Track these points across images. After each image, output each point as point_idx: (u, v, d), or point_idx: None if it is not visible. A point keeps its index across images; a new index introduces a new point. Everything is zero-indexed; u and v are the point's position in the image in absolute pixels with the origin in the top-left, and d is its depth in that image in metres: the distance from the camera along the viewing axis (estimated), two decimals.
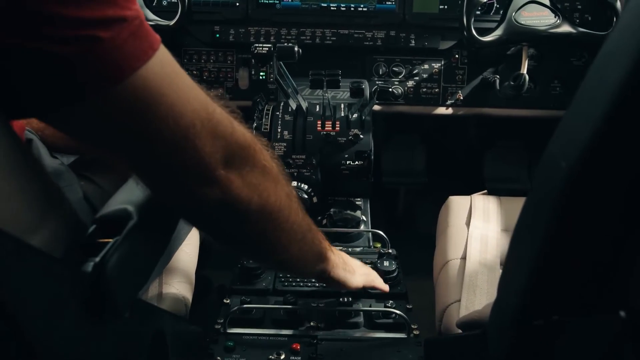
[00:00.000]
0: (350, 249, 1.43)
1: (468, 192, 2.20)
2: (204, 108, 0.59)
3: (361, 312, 1.14)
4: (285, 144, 1.51)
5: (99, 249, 0.59)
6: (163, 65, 0.56)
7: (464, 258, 1.15)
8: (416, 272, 1.62)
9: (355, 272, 1.04)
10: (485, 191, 1.39)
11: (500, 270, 1.11)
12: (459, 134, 2.32)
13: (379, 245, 1.53)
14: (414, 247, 1.84)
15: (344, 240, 1.48)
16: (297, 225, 0.77)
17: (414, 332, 1.10)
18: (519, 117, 1.81)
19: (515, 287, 0.54)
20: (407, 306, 1.20)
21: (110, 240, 0.61)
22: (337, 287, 1.03)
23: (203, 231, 0.79)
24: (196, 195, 0.61)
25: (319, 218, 1.53)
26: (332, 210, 1.51)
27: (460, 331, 0.93)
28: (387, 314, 1.13)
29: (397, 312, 1.11)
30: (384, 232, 1.44)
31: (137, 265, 0.62)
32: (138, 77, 0.52)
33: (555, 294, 0.50)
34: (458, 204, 1.33)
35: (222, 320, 1.10)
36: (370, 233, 1.49)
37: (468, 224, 1.25)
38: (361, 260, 1.35)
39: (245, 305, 1.12)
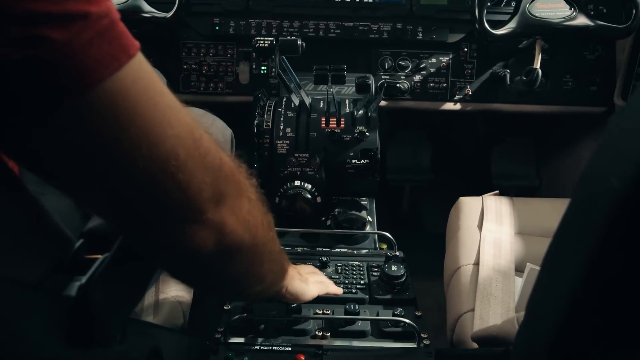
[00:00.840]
0: (355, 251, 1.38)
1: (475, 189, 2.14)
2: (189, 134, 0.49)
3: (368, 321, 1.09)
4: (288, 142, 1.45)
5: (85, 268, 0.53)
6: (138, 78, 0.45)
7: (476, 264, 1.09)
8: (423, 272, 1.57)
9: (308, 281, 0.98)
10: (497, 192, 1.33)
11: (515, 277, 1.06)
12: (466, 130, 2.26)
13: (384, 246, 1.47)
14: (420, 247, 1.78)
15: (348, 242, 1.42)
16: (274, 254, 0.70)
17: (424, 342, 1.05)
18: (529, 113, 1.75)
19: (550, 311, 0.49)
20: (416, 313, 1.15)
21: (99, 256, 0.55)
22: (292, 301, 0.96)
23: (182, 281, 0.68)
24: (182, 244, 0.51)
25: (323, 219, 1.48)
26: (336, 210, 1.45)
27: (475, 345, 0.87)
28: (395, 323, 1.08)
29: (406, 320, 1.05)
30: (390, 233, 1.39)
31: (129, 284, 0.57)
32: (102, 90, 0.42)
33: (599, 321, 0.44)
34: (469, 205, 1.27)
35: (222, 329, 1.04)
36: (376, 234, 1.44)
37: (480, 226, 1.19)
38: (367, 264, 1.31)
39: (246, 314, 1.06)
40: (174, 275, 0.61)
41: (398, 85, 1.61)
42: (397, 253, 1.34)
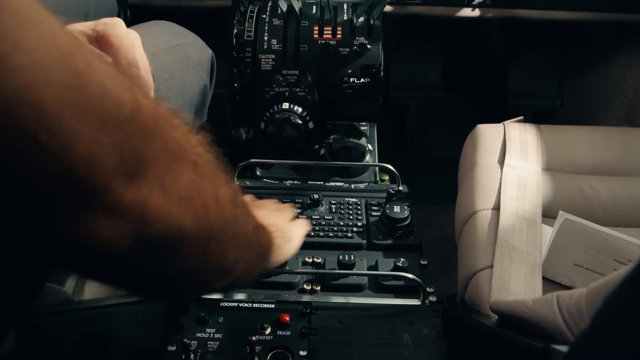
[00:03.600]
0: (352, 186, 1.20)
1: (489, 109, 1.94)
2: (62, 64, 0.31)
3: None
4: (273, 57, 1.22)
5: None
6: None
7: (496, 208, 0.91)
8: (428, 202, 1.41)
9: (290, 240, 0.80)
10: (521, 117, 1.12)
11: (542, 225, 0.88)
12: (481, 41, 2.00)
13: (386, 177, 1.30)
14: (425, 173, 1.62)
15: (345, 175, 1.24)
16: (246, 237, 0.52)
17: (430, 298, 0.90)
18: (558, 21, 1.49)
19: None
20: (422, 262, 0.99)
21: None
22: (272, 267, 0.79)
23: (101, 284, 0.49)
24: (81, 240, 0.34)
25: (316, 147, 1.29)
26: (331, 137, 1.26)
27: (493, 315, 0.71)
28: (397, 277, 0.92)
29: (409, 276, 0.90)
30: (392, 162, 1.20)
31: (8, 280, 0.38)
32: None
33: None
34: (488, 134, 1.06)
35: None
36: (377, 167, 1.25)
37: (501, 162, 1.00)
38: (366, 201, 1.13)
39: None
40: (86, 277, 0.43)
41: None
42: (401, 188, 1.17)
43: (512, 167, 0.98)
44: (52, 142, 0.30)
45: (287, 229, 0.79)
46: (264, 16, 1.24)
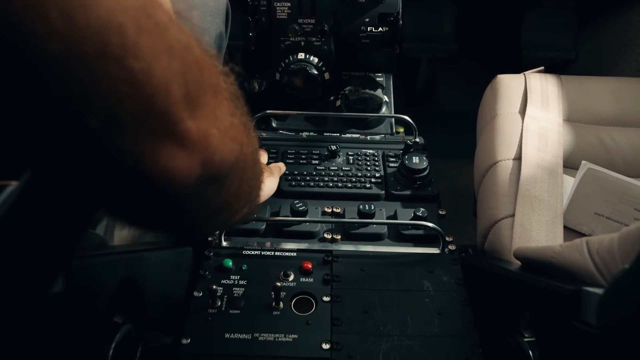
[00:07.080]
0: (369, 137, 1.20)
1: (503, 61, 1.90)
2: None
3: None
4: (289, 4, 1.20)
5: None
6: None
7: (517, 159, 0.91)
8: (440, 154, 1.41)
9: (271, 175, 0.87)
10: (542, 68, 1.11)
11: (563, 175, 0.88)
12: None
13: (401, 129, 1.29)
14: (438, 126, 1.61)
15: (360, 126, 1.24)
16: (259, 163, 0.54)
17: (449, 247, 0.91)
18: None
19: None
20: (440, 212, 1.00)
21: (10, 182, 0.37)
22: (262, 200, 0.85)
23: (140, 227, 0.50)
24: (152, 173, 0.34)
25: (332, 98, 1.28)
26: (347, 88, 1.25)
27: (515, 262, 0.73)
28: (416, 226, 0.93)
29: (429, 224, 0.90)
30: (408, 115, 1.19)
31: (57, 223, 0.39)
32: None
33: None
34: (508, 85, 1.05)
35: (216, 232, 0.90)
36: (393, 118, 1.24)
37: (522, 112, 0.99)
38: (384, 152, 1.13)
39: None
40: (133, 221, 0.43)
41: None
42: (418, 139, 1.17)
43: (533, 118, 0.97)
44: (137, 67, 0.30)
45: (266, 167, 0.85)
46: None
